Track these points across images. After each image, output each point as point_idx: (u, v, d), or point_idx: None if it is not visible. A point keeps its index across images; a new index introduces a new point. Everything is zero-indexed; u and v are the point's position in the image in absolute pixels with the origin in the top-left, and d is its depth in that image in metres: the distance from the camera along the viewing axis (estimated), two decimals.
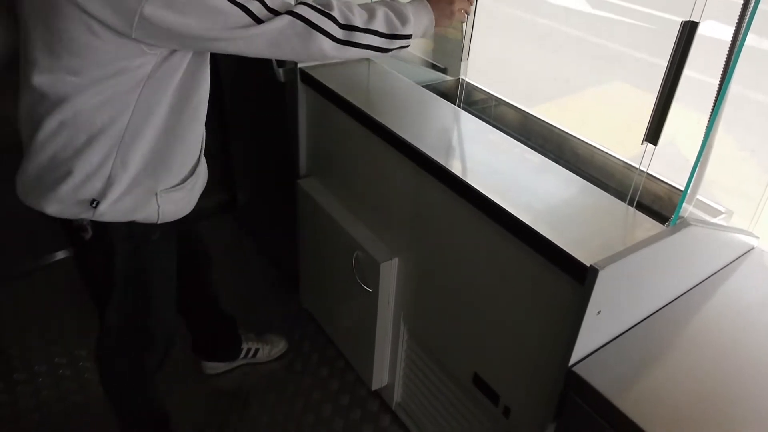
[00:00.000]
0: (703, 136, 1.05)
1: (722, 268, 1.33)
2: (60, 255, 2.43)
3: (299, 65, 1.74)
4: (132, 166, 1.15)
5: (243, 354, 2.00)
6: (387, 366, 1.80)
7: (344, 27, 1.13)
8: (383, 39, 1.19)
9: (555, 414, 1.16)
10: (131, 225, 1.22)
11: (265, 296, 2.34)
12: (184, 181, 1.26)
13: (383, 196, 1.58)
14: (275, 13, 1.07)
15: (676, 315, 1.20)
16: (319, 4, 1.12)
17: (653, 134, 1.12)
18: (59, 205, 1.15)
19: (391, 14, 1.20)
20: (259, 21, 1.05)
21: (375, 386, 1.84)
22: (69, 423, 1.80)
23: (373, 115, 1.50)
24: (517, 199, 1.19)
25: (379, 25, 1.17)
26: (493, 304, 1.30)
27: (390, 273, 1.59)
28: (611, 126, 1.67)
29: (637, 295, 1.14)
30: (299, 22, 1.08)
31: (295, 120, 1.85)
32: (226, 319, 1.90)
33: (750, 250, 1.39)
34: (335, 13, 1.12)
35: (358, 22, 1.15)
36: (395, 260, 1.58)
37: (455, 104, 1.67)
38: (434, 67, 2.04)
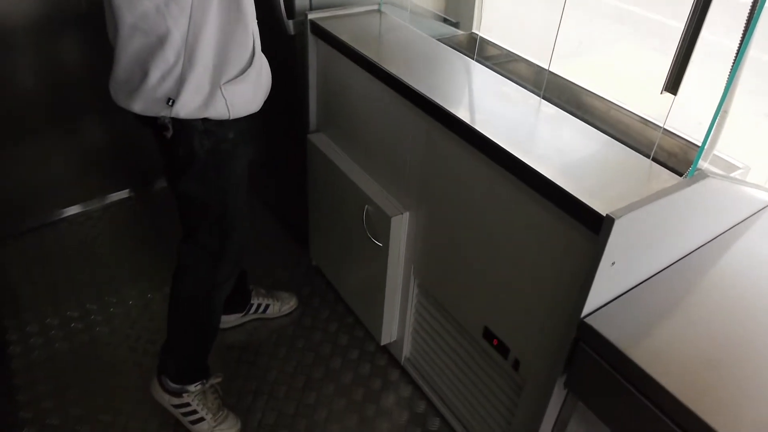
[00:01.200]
0: (723, 88, 1.02)
1: (739, 223, 1.31)
2: (68, 212, 2.44)
3: (309, 16, 1.70)
4: (197, 64, 1.24)
5: (253, 309, 2.01)
6: (396, 321, 1.81)
7: None
8: None
9: (565, 366, 1.16)
10: (206, 122, 1.31)
11: (275, 252, 2.34)
12: (243, 72, 1.32)
13: (394, 150, 1.56)
14: None
15: (692, 268, 1.19)
16: None
17: (673, 83, 1.09)
18: (143, 103, 1.26)
19: None
20: None
21: (384, 341, 1.85)
22: (80, 374, 1.83)
23: (384, 66, 1.47)
24: (532, 150, 1.17)
25: None
26: (506, 256, 1.29)
27: (401, 227, 1.58)
28: (626, 84, 1.64)
29: (652, 247, 1.12)
30: None
31: (305, 73, 1.82)
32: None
33: (766, 206, 1.37)
34: None
35: None
36: (406, 214, 1.57)
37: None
38: (446, 21, 2.00)
